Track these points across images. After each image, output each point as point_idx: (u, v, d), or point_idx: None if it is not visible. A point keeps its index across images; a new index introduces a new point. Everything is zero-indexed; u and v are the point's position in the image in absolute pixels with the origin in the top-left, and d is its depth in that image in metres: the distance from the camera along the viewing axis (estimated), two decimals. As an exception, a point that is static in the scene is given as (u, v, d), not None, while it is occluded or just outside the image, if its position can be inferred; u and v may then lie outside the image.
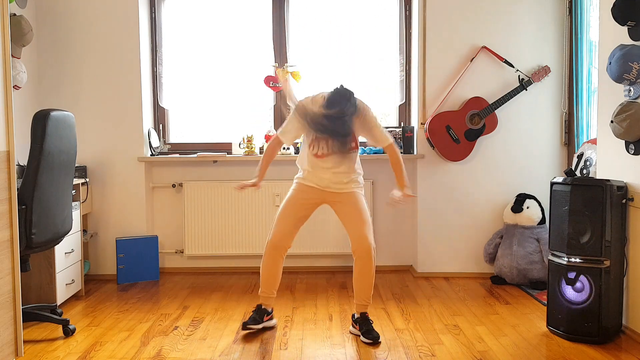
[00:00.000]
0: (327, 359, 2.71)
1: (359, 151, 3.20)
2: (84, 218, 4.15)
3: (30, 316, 3.00)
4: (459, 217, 4.19)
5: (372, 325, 2.98)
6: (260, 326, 3.06)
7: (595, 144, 3.30)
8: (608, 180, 2.84)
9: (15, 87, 3.58)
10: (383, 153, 4.20)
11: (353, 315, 3.11)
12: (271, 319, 3.15)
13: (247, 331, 3.04)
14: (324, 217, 4.25)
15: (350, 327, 3.09)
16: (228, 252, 4.29)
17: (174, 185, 4.33)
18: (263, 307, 3.12)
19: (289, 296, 3.72)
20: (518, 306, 3.49)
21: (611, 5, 2.87)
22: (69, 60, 4.16)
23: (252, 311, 3.12)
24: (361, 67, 4.32)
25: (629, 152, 2.90)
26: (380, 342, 2.92)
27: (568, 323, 2.91)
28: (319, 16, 4.33)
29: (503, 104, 4.03)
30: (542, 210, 3.94)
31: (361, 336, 2.94)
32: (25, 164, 2.80)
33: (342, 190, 3.04)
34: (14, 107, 2.61)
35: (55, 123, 2.82)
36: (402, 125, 4.39)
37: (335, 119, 2.84)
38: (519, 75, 4.06)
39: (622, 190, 2.88)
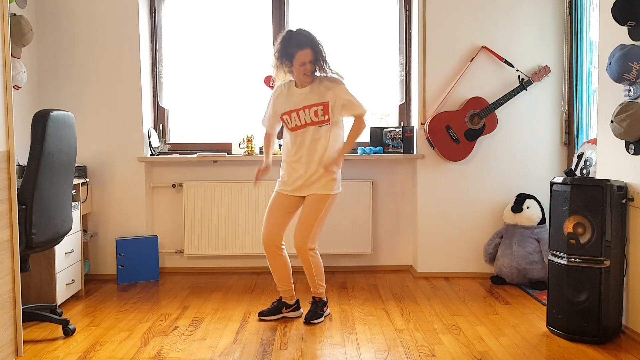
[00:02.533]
0: (327, 359, 2.71)
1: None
2: (84, 218, 4.15)
3: (30, 316, 3.00)
4: (459, 217, 4.20)
5: (317, 308, 3.24)
6: (274, 317, 3.26)
7: (595, 144, 3.30)
8: (608, 180, 2.84)
9: (15, 87, 3.58)
10: (383, 153, 4.21)
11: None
12: (294, 309, 3.31)
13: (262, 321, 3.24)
14: (324, 217, 4.25)
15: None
16: (228, 252, 4.29)
17: (174, 185, 4.33)
18: (283, 300, 3.29)
19: (289, 296, 3.72)
20: (518, 306, 3.49)
21: (611, 5, 2.87)
22: (69, 60, 4.16)
23: (274, 302, 3.33)
24: (361, 67, 4.32)
25: (629, 152, 2.90)
26: (313, 322, 3.17)
27: (568, 323, 2.91)
28: (319, 16, 4.33)
29: (503, 104, 4.03)
30: (542, 210, 3.94)
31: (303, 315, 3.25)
32: (25, 164, 2.80)
33: (313, 192, 3.16)
34: (14, 107, 2.61)
35: (55, 123, 2.82)
36: (402, 125, 4.39)
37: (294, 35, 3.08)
38: (519, 75, 4.06)
39: (622, 190, 2.88)
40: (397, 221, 4.38)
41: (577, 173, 3.55)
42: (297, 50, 3.04)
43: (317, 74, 3.15)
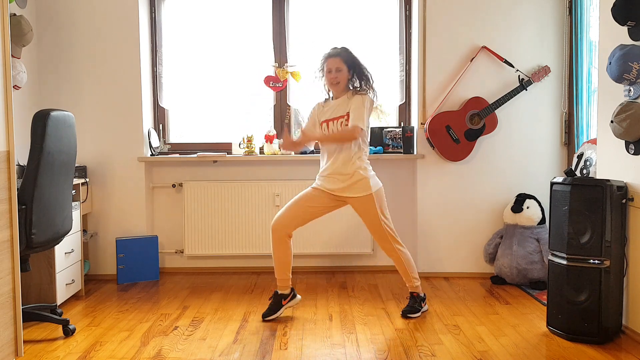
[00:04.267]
0: (327, 359, 2.71)
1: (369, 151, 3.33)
2: (84, 218, 4.15)
3: (30, 316, 3.00)
4: (459, 217, 4.19)
5: (417, 305, 3.30)
6: (278, 314, 3.27)
7: (595, 144, 3.30)
8: (608, 180, 2.84)
9: (15, 87, 3.58)
10: (383, 153, 4.21)
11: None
12: (292, 297, 3.33)
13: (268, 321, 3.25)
14: (323, 217, 4.24)
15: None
16: (228, 252, 4.29)
17: (174, 185, 4.33)
18: (280, 292, 3.29)
19: (289, 296, 3.72)
20: (518, 306, 3.49)
21: (611, 5, 2.87)
22: (69, 60, 4.16)
23: (270, 299, 3.32)
24: (361, 67, 4.32)
25: (629, 152, 2.90)
26: (410, 317, 3.25)
27: (568, 323, 2.91)
28: (319, 16, 4.33)
29: (503, 104, 4.03)
30: (542, 210, 3.94)
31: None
32: (25, 164, 2.80)
33: (354, 194, 3.21)
34: (14, 107, 2.61)
35: (55, 123, 2.82)
36: (402, 125, 4.39)
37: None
38: (519, 75, 4.06)
39: (622, 190, 2.88)
40: (397, 221, 4.35)
41: (577, 173, 3.55)
42: (327, 58, 3.25)
43: (351, 87, 3.26)
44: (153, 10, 4.32)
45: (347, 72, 3.22)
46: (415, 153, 4.22)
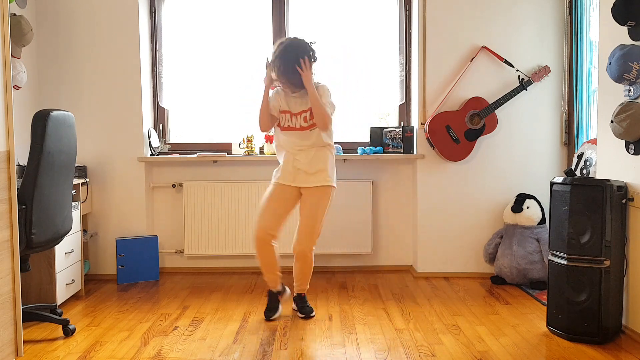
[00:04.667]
0: (327, 359, 2.71)
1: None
2: (84, 218, 4.15)
3: (30, 316, 3.00)
4: (459, 217, 4.20)
5: (307, 303, 3.36)
6: (279, 313, 3.32)
7: (595, 144, 3.30)
8: (608, 180, 2.84)
9: (15, 87, 3.58)
10: (383, 153, 4.21)
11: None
12: (283, 292, 3.37)
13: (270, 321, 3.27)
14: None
15: (292, 305, 3.43)
16: (228, 252, 4.29)
17: (174, 185, 4.33)
18: (274, 291, 3.33)
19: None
20: (518, 306, 3.49)
21: (611, 5, 2.87)
22: (69, 60, 4.16)
23: (266, 297, 3.35)
24: (361, 67, 4.32)
25: (629, 152, 2.90)
26: (313, 316, 3.29)
27: (568, 323, 2.91)
28: (319, 16, 4.33)
29: (503, 104, 4.03)
30: (542, 210, 3.94)
31: (298, 312, 3.34)
32: (25, 164, 2.80)
33: (310, 184, 3.21)
34: (14, 107, 2.61)
35: (55, 123, 2.82)
36: (402, 125, 4.39)
37: (286, 51, 3.14)
38: (519, 75, 4.06)
39: (622, 190, 2.88)
40: (397, 221, 4.37)
41: (577, 173, 3.55)
42: (275, 68, 3.18)
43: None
44: (153, 10, 4.32)
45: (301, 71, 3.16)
46: (415, 153, 4.22)
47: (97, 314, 3.39)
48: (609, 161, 3.08)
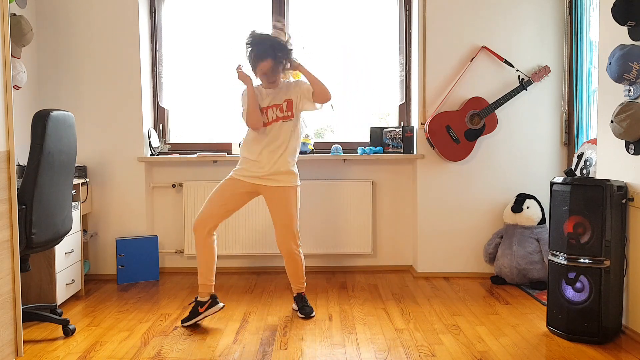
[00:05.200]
0: (327, 359, 2.71)
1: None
2: (84, 218, 4.15)
3: (30, 316, 3.00)
4: (459, 217, 4.20)
5: (307, 302, 3.37)
6: (195, 320, 3.17)
7: (595, 144, 3.30)
8: (608, 180, 2.84)
9: (15, 87, 3.58)
10: (383, 153, 4.21)
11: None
12: (211, 305, 3.20)
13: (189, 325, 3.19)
14: (323, 217, 4.26)
15: (293, 304, 3.45)
16: (228, 252, 4.29)
17: (174, 185, 4.33)
18: (199, 298, 3.22)
19: (289, 296, 3.71)
20: (518, 306, 3.49)
21: (611, 5, 2.87)
22: (69, 60, 4.16)
23: (189, 304, 3.34)
24: (361, 67, 4.32)
25: (629, 152, 2.90)
26: (313, 316, 3.29)
27: (568, 323, 2.91)
28: (319, 16, 4.33)
29: (503, 104, 4.03)
30: (542, 210, 3.94)
31: (298, 312, 3.34)
32: (25, 164, 2.80)
33: (276, 184, 3.22)
34: (14, 107, 2.61)
35: (55, 123, 2.82)
36: (402, 125, 4.39)
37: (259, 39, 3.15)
38: (519, 75, 4.06)
39: (622, 190, 2.88)
40: (397, 221, 4.38)
41: (577, 173, 3.55)
42: (258, 62, 3.15)
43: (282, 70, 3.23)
44: (153, 10, 4.32)
45: (279, 65, 3.16)
46: (415, 153, 4.22)
47: (97, 314, 3.39)
48: (609, 161, 3.08)
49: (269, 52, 3.12)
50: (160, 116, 4.44)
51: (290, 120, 3.23)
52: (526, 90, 4.05)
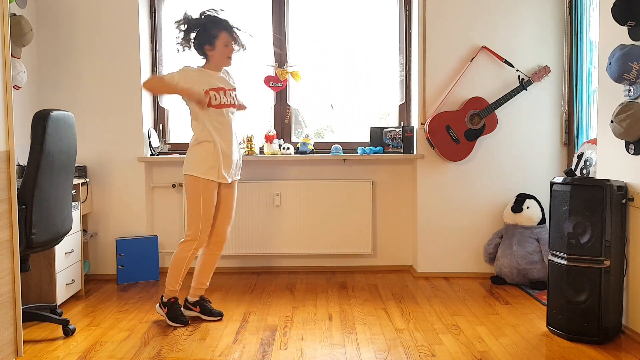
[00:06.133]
0: (327, 359, 2.71)
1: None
2: (84, 218, 4.15)
3: (30, 316, 3.00)
4: (459, 217, 4.19)
5: (210, 304, 3.31)
6: (179, 315, 3.19)
7: (595, 144, 3.30)
8: (608, 180, 2.84)
9: (15, 87, 3.58)
10: (383, 153, 4.21)
11: (187, 300, 3.30)
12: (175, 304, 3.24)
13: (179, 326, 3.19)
14: (323, 217, 4.26)
15: (188, 311, 3.29)
16: (228, 252, 4.28)
17: (174, 185, 4.33)
18: (175, 298, 3.23)
19: (289, 296, 3.72)
20: (518, 306, 3.49)
21: (611, 5, 2.87)
22: (69, 60, 4.16)
23: (170, 306, 3.22)
24: (361, 67, 4.32)
25: (629, 152, 2.90)
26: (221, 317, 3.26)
27: (568, 323, 2.91)
28: (319, 16, 4.33)
29: (503, 104, 4.03)
30: (542, 210, 3.94)
31: (204, 316, 3.25)
32: (25, 164, 2.80)
33: (236, 177, 3.26)
34: (14, 107, 2.61)
35: (55, 123, 2.82)
36: (402, 125, 4.39)
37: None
38: (519, 75, 4.06)
39: (622, 190, 2.88)
40: (397, 221, 4.37)
41: (577, 173, 3.55)
42: (224, 31, 3.10)
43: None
44: (153, 10, 4.32)
45: (237, 40, 3.18)
46: (415, 153, 4.22)
47: (97, 314, 3.39)
48: (609, 161, 3.08)
49: (230, 25, 3.15)
50: (160, 116, 4.44)
51: (235, 109, 3.23)
52: (526, 90, 4.05)
